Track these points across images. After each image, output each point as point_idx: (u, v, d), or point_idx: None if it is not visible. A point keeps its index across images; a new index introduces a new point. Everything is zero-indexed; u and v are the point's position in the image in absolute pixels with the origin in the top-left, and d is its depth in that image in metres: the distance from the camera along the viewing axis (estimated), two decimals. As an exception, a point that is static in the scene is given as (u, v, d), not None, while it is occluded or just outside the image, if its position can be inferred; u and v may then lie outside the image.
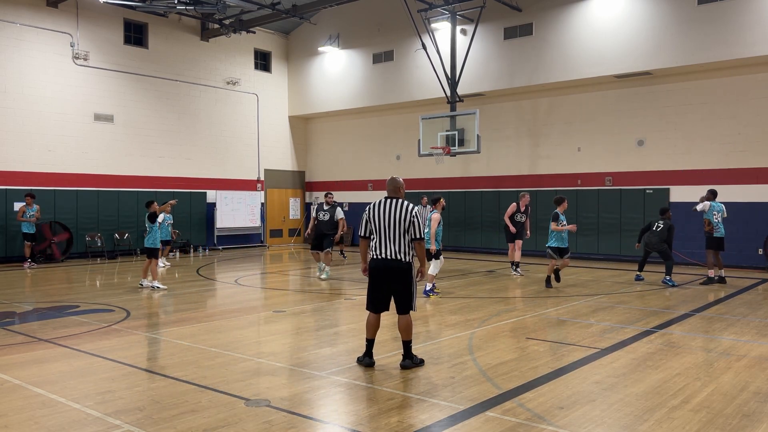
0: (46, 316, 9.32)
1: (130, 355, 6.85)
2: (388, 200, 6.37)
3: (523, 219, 14.32)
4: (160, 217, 16.98)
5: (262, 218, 23.48)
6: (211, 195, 21.97)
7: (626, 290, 11.93)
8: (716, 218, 12.71)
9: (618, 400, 5.26)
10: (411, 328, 6.32)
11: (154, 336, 7.86)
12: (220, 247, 21.96)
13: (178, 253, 20.00)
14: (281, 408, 5.04)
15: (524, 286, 12.48)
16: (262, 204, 23.43)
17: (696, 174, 16.53)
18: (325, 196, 14.08)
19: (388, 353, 6.82)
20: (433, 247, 10.60)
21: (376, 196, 22.41)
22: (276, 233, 24.58)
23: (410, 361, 6.28)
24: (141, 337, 7.80)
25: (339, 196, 23.75)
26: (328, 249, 13.40)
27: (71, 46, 18.43)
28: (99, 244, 18.65)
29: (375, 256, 6.33)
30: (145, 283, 12.23)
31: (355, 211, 22.75)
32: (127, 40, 19.95)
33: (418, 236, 6.27)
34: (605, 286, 12.45)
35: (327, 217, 13.38)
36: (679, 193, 16.76)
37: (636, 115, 17.46)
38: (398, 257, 6.22)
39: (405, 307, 6.31)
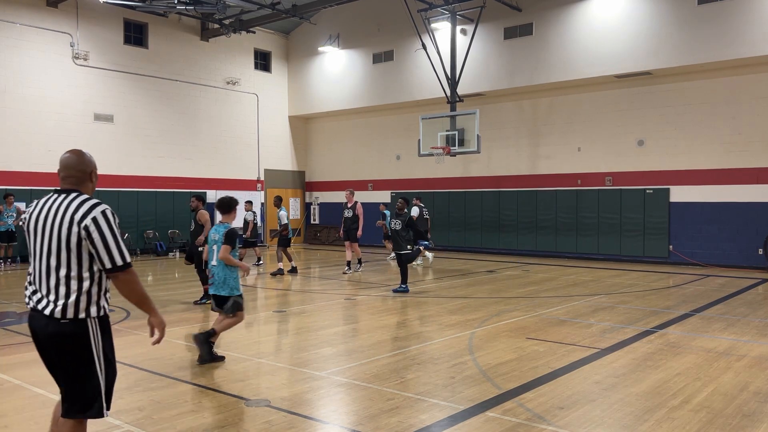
0: (46, 316, 9.30)
1: (130, 355, 6.85)
2: (53, 198, 3.44)
3: (350, 215, 15.37)
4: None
5: (262, 218, 23.46)
6: (211, 195, 21.93)
7: (626, 290, 11.93)
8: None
9: (618, 400, 5.26)
10: None
11: (154, 336, 7.84)
12: (220, 247, 21.92)
13: (178, 253, 20.00)
14: (281, 408, 5.04)
15: (524, 286, 12.48)
16: (262, 204, 23.42)
17: (696, 174, 16.53)
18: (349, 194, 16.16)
19: (389, 353, 6.82)
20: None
21: (376, 196, 22.41)
22: (276, 233, 24.55)
23: None
24: (141, 337, 7.79)
25: (339, 197, 23.75)
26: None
27: (71, 46, 18.42)
28: (99, 244, 18.61)
29: (28, 305, 3.33)
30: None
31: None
32: (127, 40, 19.94)
33: (110, 265, 3.18)
34: (605, 286, 12.45)
35: (350, 214, 15.67)
36: (679, 193, 16.77)
37: (636, 115, 17.45)
38: (52, 310, 3.16)
39: (74, 402, 3.19)
